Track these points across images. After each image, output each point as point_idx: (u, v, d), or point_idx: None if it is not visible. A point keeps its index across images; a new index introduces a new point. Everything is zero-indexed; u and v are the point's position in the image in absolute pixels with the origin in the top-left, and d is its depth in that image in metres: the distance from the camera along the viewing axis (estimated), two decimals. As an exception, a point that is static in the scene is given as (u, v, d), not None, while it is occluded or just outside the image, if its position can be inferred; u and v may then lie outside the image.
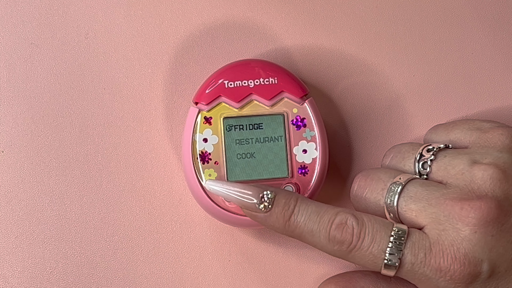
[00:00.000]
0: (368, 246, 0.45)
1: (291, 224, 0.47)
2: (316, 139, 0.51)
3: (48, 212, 0.53)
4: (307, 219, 0.46)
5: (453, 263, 0.44)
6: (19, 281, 0.53)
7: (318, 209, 0.46)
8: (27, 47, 0.54)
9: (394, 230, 0.45)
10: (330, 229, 0.46)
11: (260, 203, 0.47)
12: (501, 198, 0.45)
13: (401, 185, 0.46)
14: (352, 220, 0.45)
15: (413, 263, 0.45)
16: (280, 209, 0.47)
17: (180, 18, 0.54)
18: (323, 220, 0.46)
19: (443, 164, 0.47)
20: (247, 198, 0.47)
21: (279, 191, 0.47)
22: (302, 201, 0.47)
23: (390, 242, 0.45)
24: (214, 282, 0.53)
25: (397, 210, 0.46)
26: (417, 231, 0.45)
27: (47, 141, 0.53)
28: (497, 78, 0.55)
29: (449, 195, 0.45)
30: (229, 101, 0.50)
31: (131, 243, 0.53)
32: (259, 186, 0.47)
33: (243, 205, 0.47)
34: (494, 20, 0.55)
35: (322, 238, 0.46)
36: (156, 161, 0.53)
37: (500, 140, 0.47)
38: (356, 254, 0.45)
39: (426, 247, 0.45)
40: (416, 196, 0.46)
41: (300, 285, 0.53)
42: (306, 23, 0.54)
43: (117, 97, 0.54)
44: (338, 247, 0.46)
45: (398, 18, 0.55)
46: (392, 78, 0.54)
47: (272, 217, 0.47)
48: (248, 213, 0.48)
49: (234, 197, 0.47)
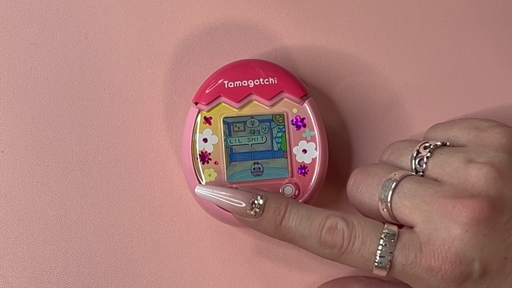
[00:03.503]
0: (358, 249, 0.45)
1: (282, 229, 0.47)
2: (316, 139, 0.51)
3: (48, 212, 0.53)
4: (298, 223, 0.47)
5: (444, 262, 0.44)
6: (19, 281, 0.53)
7: (308, 213, 0.47)
8: (27, 47, 0.54)
9: (384, 232, 0.45)
10: (321, 233, 0.46)
11: (251, 209, 0.47)
12: (494, 197, 0.45)
13: (395, 181, 0.46)
14: (342, 223, 0.46)
15: (403, 264, 0.45)
16: (271, 214, 0.47)
17: (180, 18, 0.54)
18: (314, 225, 0.46)
19: (439, 161, 0.47)
20: (238, 203, 0.47)
21: (269, 196, 0.47)
22: (293, 205, 0.47)
23: (380, 245, 0.45)
24: (214, 282, 0.53)
25: (391, 206, 0.46)
26: (408, 232, 0.45)
27: (47, 141, 0.53)
28: (497, 78, 0.55)
29: (443, 193, 0.45)
30: (229, 101, 0.50)
31: (131, 243, 0.53)
32: (250, 191, 0.48)
33: (233, 210, 0.48)
34: (494, 20, 0.55)
35: (313, 242, 0.46)
36: (156, 161, 0.53)
37: (497, 139, 0.47)
38: (347, 256, 0.46)
39: (417, 247, 0.45)
40: (410, 192, 0.46)
41: (300, 285, 0.53)
42: (306, 23, 0.54)
43: (117, 97, 0.54)
44: (329, 250, 0.46)
45: (398, 18, 0.55)
46: (391, 78, 0.54)
47: (263, 222, 0.47)
48: (239, 218, 0.48)
49: (224, 202, 0.48)
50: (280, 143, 0.50)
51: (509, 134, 0.47)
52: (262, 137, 0.50)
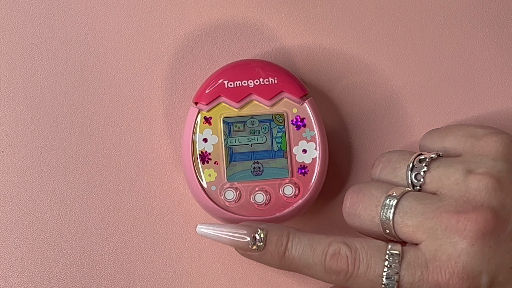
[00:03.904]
0: (364, 273, 0.45)
1: (286, 260, 0.47)
2: (316, 139, 0.51)
3: (48, 212, 0.53)
4: (301, 253, 0.46)
5: (452, 277, 0.44)
6: (19, 281, 0.53)
7: (310, 241, 0.46)
8: (27, 47, 0.54)
9: (388, 253, 0.45)
10: (325, 260, 0.46)
11: (253, 244, 0.47)
12: (497, 208, 0.44)
13: (395, 200, 0.46)
14: (345, 249, 0.45)
15: (411, 282, 0.45)
16: (274, 246, 0.47)
17: (180, 18, 0.54)
18: (317, 253, 0.46)
19: (437, 174, 0.46)
20: (240, 238, 0.47)
21: (270, 228, 0.47)
22: (294, 235, 0.47)
23: (385, 266, 0.45)
24: (214, 282, 0.53)
25: (393, 226, 0.46)
26: (412, 250, 0.45)
27: (47, 141, 0.53)
28: (497, 78, 0.55)
29: (445, 207, 0.45)
30: (229, 101, 0.50)
31: (131, 243, 0.53)
32: (250, 225, 0.48)
33: (236, 246, 0.47)
34: (494, 20, 0.55)
35: (318, 270, 0.46)
36: (156, 161, 0.53)
37: (494, 147, 0.46)
38: (354, 281, 0.45)
39: (422, 265, 0.45)
40: (411, 211, 0.45)
41: (300, 285, 0.53)
42: (306, 23, 0.54)
43: (117, 97, 0.54)
44: (336, 277, 0.46)
45: (398, 18, 0.55)
46: (391, 78, 0.54)
47: (266, 255, 0.47)
48: (243, 253, 0.48)
49: (226, 239, 0.47)
50: (280, 143, 0.50)
51: (506, 142, 0.46)
52: (262, 137, 0.50)
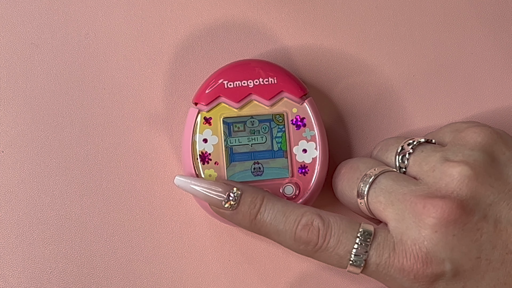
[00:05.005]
0: (333, 247, 0.46)
1: (257, 223, 0.47)
2: (316, 138, 0.51)
3: (48, 212, 0.53)
4: (273, 218, 0.47)
5: (416, 262, 0.44)
6: (19, 281, 0.53)
7: (284, 208, 0.47)
8: (27, 47, 0.54)
9: (360, 232, 0.45)
10: (296, 229, 0.46)
11: (227, 201, 0.47)
12: (465, 198, 0.45)
13: (373, 176, 0.47)
14: (318, 221, 0.46)
15: (377, 263, 0.45)
16: (246, 207, 0.47)
17: (180, 18, 0.54)
18: (289, 220, 0.46)
19: (419, 159, 0.47)
20: (214, 194, 0.47)
21: (245, 189, 0.47)
22: (269, 199, 0.47)
23: (356, 243, 0.45)
24: (214, 282, 0.53)
25: (367, 200, 0.47)
26: (383, 231, 0.46)
27: (47, 141, 0.53)
28: (497, 78, 0.55)
29: (416, 192, 0.46)
30: (229, 101, 0.50)
31: (131, 243, 0.53)
32: (227, 183, 0.48)
33: (210, 202, 0.48)
34: (494, 20, 0.55)
35: (288, 238, 0.46)
36: (156, 161, 0.53)
37: (472, 138, 0.47)
38: (321, 254, 0.46)
39: (390, 247, 0.45)
40: (386, 189, 0.46)
41: (300, 285, 0.53)
42: (306, 23, 0.54)
43: (117, 97, 0.54)
44: (304, 247, 0.46)
45: (398, 18, 0.55)
46: (392, 78, 0.54)
47: (238, 215, 0.47)
48: (216, 210, 0.48)
49: (201, 193, 0.48)
50: (280, 143, 0.50)
51: (485, 133, 0.47)
52: (262, 137, 0.50)
